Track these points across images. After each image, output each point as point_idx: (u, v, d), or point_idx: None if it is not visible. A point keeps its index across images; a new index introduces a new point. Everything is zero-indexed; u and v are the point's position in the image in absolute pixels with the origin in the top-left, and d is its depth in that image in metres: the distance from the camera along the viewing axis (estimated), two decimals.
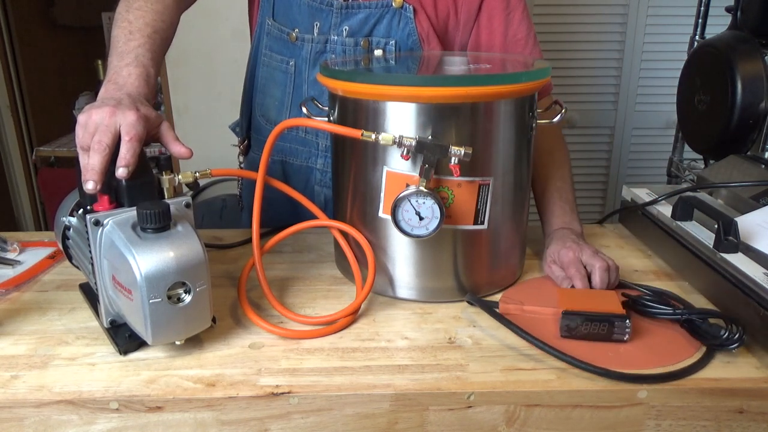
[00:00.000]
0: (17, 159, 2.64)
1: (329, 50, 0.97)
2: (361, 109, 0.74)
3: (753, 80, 0.98)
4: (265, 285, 0.76)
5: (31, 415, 0.60)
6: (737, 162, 0.97)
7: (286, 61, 1.01)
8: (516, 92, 0.72)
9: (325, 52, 0.97)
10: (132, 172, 0.64)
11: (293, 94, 1.02)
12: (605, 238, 1.00)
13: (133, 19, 0.80)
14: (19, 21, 2.57)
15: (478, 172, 0.73)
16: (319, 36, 0.97)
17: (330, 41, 0.97)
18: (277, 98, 1.04)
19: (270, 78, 1.04)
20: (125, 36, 0.78)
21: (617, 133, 2.17)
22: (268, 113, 1.06)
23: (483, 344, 0.69)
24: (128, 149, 0.64)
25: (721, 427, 0.63)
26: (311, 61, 0.99)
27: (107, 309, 0.67)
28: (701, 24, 1.30)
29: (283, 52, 1.01)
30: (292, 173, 1.07)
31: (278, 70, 1.02)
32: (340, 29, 0.96)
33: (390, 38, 0.96)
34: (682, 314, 0.70)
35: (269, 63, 1.03)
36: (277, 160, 1.06)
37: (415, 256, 0.76)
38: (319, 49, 0.98)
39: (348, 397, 0.61)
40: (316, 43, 0.98)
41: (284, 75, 1.02)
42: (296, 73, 1.00)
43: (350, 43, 0.96)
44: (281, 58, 1.01)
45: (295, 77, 1.01)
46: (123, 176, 0.63)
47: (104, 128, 0.64)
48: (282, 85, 1.02)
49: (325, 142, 1.02)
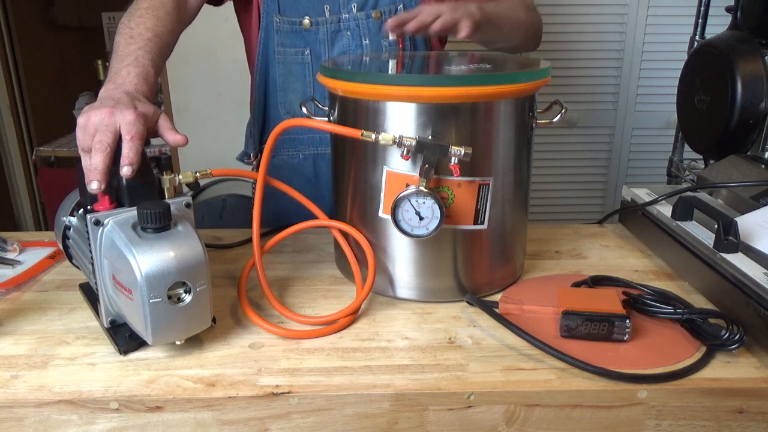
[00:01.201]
0: (17, 159, 2.64)
1: (343, 29, 1.02)
2: (361, 109, 0.74)
3: (753, 80, 0.98)
4: (265, 285, 0.76)
5: (31, 414, 0.60)
6: (737, 162, 0.97)
7: (302, 51, 1.04)
8: (516, 92, 0.72)
9: (340, 31, 1.03)
10: (136, 171, 0.64)
11: (314, 81, 1.05)
12: (605, 238, 1.00)
13: (134, 25, 0.82)
14: (19, 21, 2.57)
15: (478, 172, 0.73)
16: (331, 17, 1.02)
17: (342, 20, 1.02)
18: (299, 90, 1.07)
19: (288, 73, 1.06)
20: (125, 41, 0.80)
21: (617, 133, 2.17)
22: (293, 108, 1.09)
23: (483, 344, 0.69)
24: (130, 148, 0.64)
25: (721, 427, 0.63)
26: (329, 43, 1.03)
27: (107, 309, 0.67)
28: (701, 24, 1.30)
29: (296, 44, 1.04)
30: (325, 166, 1.10)
31: (295, 63, 1.05)
32: (350, 6, 1.02)
33: (397, 3, 1.01)
34: (683, 314, 0.70)
35: (284, 59, 1.06)
36: (308, 155, 1.10)
37: (415, 256, 0.76)
38: (333, 29, 1.03)
39: (348, 397, 0.61)
40: (330, 24, 1.02)
41: (301, 66, 1.05)
42: (313, 59, 1.04)
43: (362, 17, 1.02)
44: (296, 50, 1.04)
45: (313, 65, 1.05)
46: (128, 175, 0.63)
47: (104, 128, 0.65)
48: (301, 76, 1.06)
49: None
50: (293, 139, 1.10)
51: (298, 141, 1.10)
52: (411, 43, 1.07)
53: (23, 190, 2.71)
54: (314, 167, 1.11)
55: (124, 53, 0.78)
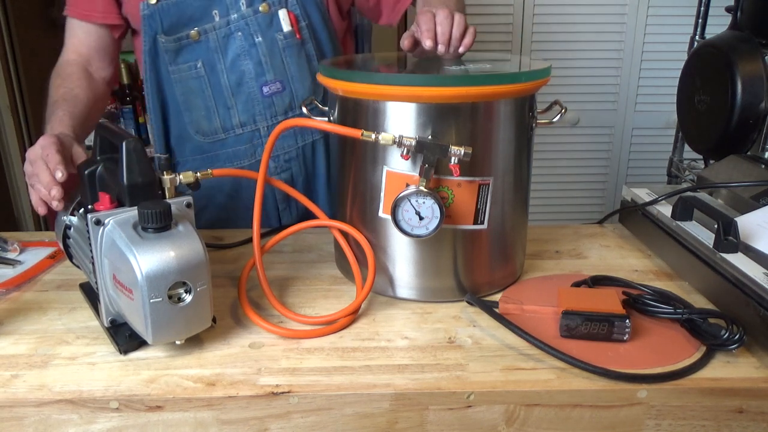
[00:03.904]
0: (17, 159, 2.63)
1: (234, 30, 0.98)
2: (361, 109, 0.74)
3: (753, 80, 0.98)
4: (265, 285, 0.76)
5: (32, 414, 0.60)
6: (737, 162, 0.97)
7: (194, 65, 1.00)
8: (516, 92, 0.73)
9: (231, 34, 0.98)
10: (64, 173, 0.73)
11: (213, 92, 1.01)
12: (605, 238, 1.00)
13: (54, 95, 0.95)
14: (19, 21, 2.57)
15: (478, 171, 0.73)
16: (220, 20, 0.98)
17: (231, 21, 0.98)
18: (202, 107, 1.03)
19: (188, 91, 1.02)
20: (50, 110, 0.92)
21: (617, 133, 2.17)
22: (201, 127, 1.05)
23: (483, 344, 0.69)
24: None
25: (720, 426, 0.63)
26: (221, 49, 0.99)
27: (108, 308, 0.67)
28: (701, 24, 1.30)
29: (188, 59, 1.00)
30: (246, 181, 1.05)
31: (190, 78, 1.01)
32: (238, 4, 0.97)
33: None
34: (683, 314, 0.70)
35: (180, 78, 1.02)
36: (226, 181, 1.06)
37: (415, 255, 0.77)
38: (224, 33, 0.98)
39: (348, 397, 0.61)
40: (219, 29, 0.98)
41: (197, 80, 1.01)
42: (208, 71, 1.00)
43: (250, 13, 0.97)
44: (188, 65, 1.00)
45: (209, 76, 1.00)
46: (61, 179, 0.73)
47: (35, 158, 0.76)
48: (200, 92, 1.02)
49: (266, 123, 1.02)
50: (207, 157, 1.06)
51: (214, 157, 1.06)
52: (309, 32, 1.01)
53: (23, 190, 2.70)
54: (232, 182, 1.07)
55: (47, 119, 0.90)
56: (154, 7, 0.96)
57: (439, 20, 0.81)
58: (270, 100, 1.01)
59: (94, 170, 0.68)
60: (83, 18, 1.04)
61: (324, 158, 1.08)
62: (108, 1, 1.02)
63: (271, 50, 0.99)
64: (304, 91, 1.03)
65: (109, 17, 1.03)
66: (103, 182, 0.69)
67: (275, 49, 1.00)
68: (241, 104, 1.02)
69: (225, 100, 1.01)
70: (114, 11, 1.03)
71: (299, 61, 1.01)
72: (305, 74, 1.02)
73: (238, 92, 1.01)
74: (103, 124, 0.73)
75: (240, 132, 1.03)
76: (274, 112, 1.02)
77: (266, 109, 1.02)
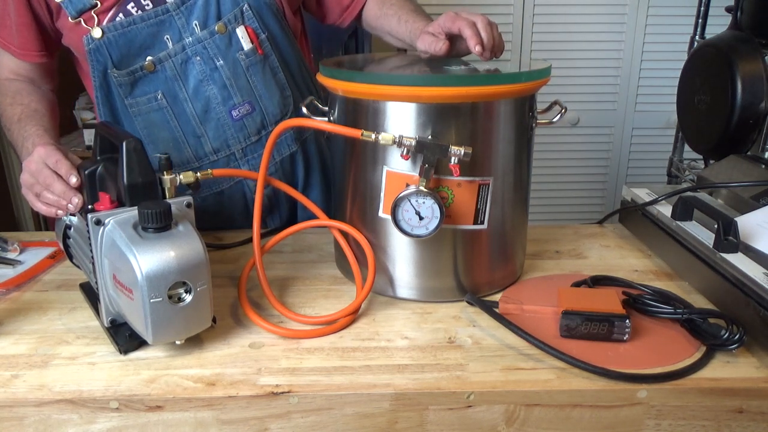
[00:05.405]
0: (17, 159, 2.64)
1: (192, 55, 0.92)
2: (361, 109, 0.74)
3: (753, 80, 0.98)
4: (266, 285, 0.76)
5: (32, 414, 0.60)
6: (737, 162, 0.97)
7: (154, 96, 0.93)
8: (516, 92, 0.73)
9: (189, 60, 0.92)
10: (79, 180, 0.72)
11: (179, 122, 0.95)
12: (605, 238, 1.00)
13: (11, 114, 0.93)
14: None
15: (478, 172, 0.73)
16: (175, 46, 0.91)
17: (187, 46, 0.91)
18: (168, 138, 0.96)
19: (150, 125, 0.95)
20: (17, 128, 0.92)
21: (617, 133, 2.17)
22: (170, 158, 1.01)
23: (483, 344, 0.69)
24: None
25: (720, 426, 0.63)
26: (181, 77, 0.93)
27: (108, 308, 0.67)
28: (701, 24, 1.30)
29: (146, 90, 0.93)
30: (225, 200, 1.02)
31: (151, 111, 0.94)
32: (191, 27, 0.91)
33: (240, 3, 0.92)
34: (683, 314, 0.70)
35: (139, 111, 0.94)
36: (236, 183, 1.02)
37: (415, 255, 0.77)
38: (181, 60, 0.92)
39: (348, 397, 0.61)
40: (176, 56, 0.92)
41: (159, 112, 0.94)
42: (170, 101, 0.94)
43: (206, 35, 0.91)
44: (147, 97, 0.94)
45: (171, 106, 0.94)
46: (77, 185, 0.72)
47: (41, 169, 0.75)
48: (164, 123, 0.95)
49: (240, 146, 0.98)
50: None
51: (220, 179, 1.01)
52: (270, 43, 0.95)
53: None
54: (244, 196, 1.03)
55: (18, 137, 0.90)
56: (99, 41, 0.89)
57: (482, 26, 0.82)
58: (241, 123, 0.96)
59: (94, 170, 0.69)
60: (4, 48, 0.96)
61: (303, 169, 1.05)
62: (31, 38, 0.94)
63: (234, 72, 0.94)
64: (274, 107, 0.98)
65: (28, 56, 0.96)
66: (103, 182, 0.69)
67: (239, 69, 0.94)
68: (212, 131, 0.96)
69: (193, 129, 0.95)
70: (34, 49, 0.95)
71: (265, 78, 0.96)
72: (273, 90, 0.97)
73: (206, 119, 0.95)
74: (103, 124, 0.74)
75: (215, 158, 0.98)
76: (246, 134, 0.97)
77: (238, 132, 0.97)
